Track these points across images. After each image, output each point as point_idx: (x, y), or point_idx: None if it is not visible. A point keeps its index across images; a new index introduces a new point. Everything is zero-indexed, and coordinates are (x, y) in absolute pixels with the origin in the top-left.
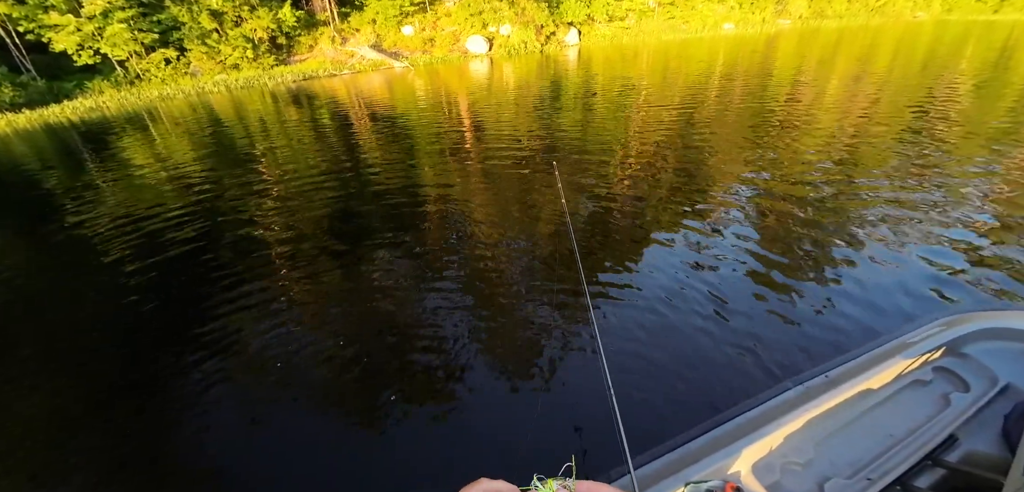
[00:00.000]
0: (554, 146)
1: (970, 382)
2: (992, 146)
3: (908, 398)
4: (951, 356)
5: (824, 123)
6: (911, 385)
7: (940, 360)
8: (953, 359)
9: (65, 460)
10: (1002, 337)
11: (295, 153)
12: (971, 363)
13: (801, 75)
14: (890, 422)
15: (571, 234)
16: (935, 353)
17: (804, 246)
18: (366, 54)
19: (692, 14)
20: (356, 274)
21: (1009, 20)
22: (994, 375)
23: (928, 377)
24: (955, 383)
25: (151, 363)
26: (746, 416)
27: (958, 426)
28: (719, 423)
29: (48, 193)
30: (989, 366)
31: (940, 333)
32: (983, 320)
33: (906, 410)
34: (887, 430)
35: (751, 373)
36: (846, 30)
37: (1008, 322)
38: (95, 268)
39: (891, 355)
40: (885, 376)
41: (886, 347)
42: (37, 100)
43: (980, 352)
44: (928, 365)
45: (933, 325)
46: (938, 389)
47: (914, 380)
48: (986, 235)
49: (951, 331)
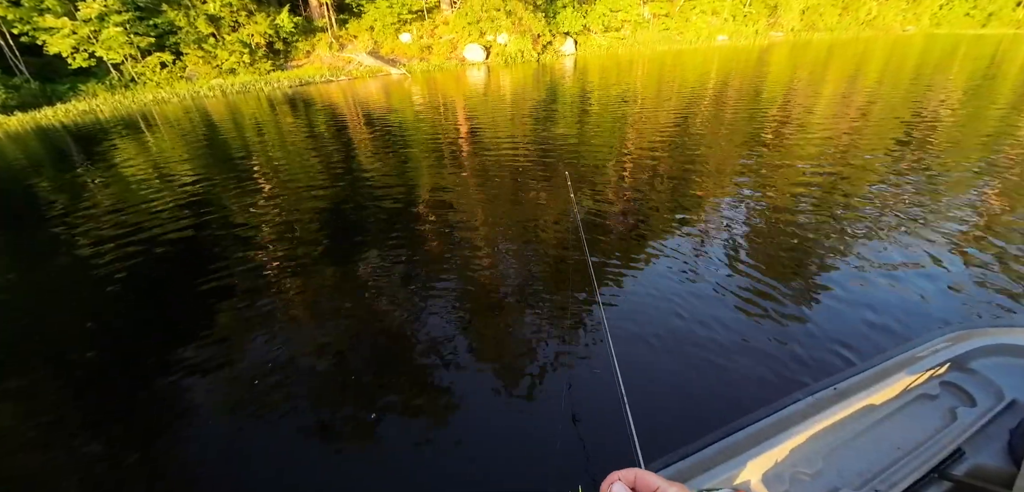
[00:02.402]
0: (555, 152)
1: (976, 397)
2: (992, 156)
3: (915, 412)
4: (958, 371)
5: (826, 133)
6: (918, 399)
7: (947, 375)
8: (960, 374)
9: (46, 468)
10: (1008, 353)
11: (290, 158)
12: (978, 378)
13: (795, 85)
14: (898, 435)
15: (583, 241)
16: (942, 368)
17: (812, 258)
18: (363, 60)
19: (686, 26)
20: (354, 280)
21: (996, 34)
22: (1000, 390)
23: (935, 391)
24: (962, 398)
25: (135, 369)
26: (756, 426)
27: (965, 440)
28: (729, 432)
29: (35, 195)
30: (995, 381)
31: (947, 348)
32: (990, 336)
33: (914, 424)
34: (895, 443)
35: (761, 383)
36: (837, 42)
37: (1014, 339)
38: (79, 272)
39: (899, 369)
40: (892, 389)
41: (894, 361)
42: (30, 103)
43: (986, 368)
44: (935, 380)
45: (940, 340)
46: (945, 403)
47: (921, 394)
48: (989, 249)
49: (958, 346)
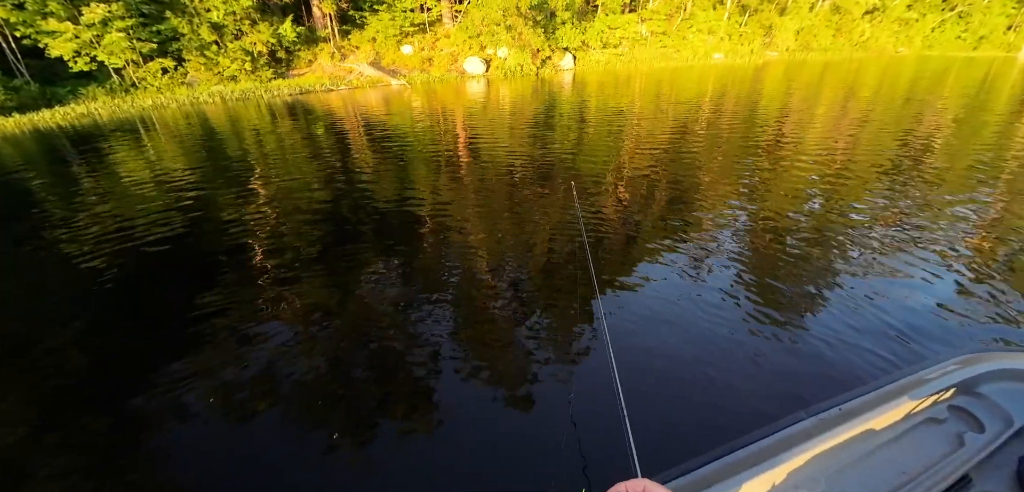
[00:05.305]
0: (554, 164)
1: (985, 422)
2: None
3: (922, 436)
4: (966, 396)
5: (824, 148)
6: (925, 423)
7: (954, 399)
8: (968, 399)
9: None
10: (1019, 378)
11: (288, 164)
12: (986, 403)
13: (791, 102)
14: (904, 459)
15: (587, 252)
16: (950, 392)
17: (814, 275)
18: (364, 71)
19: (683, 43)
20: (352, 287)
21: (988, 56)
22: (1009, 416)
23: (942, 416)
24: (970, 423)
25: (125, 372)
26: (758, 445)
27: (972, 467)
28: (730, 450)
29: (27, 195)
30: (1005, 407)
31: (955, 372)
32: (999, 360)
33: (920, 448)
34: (900, 467)
35: (762, 400)
36: (832, 62)
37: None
38: (69, 272)
39: (905, 391)
40: (898, 412)
41: (900, 383)
42: (29, 105)
43: (996, 393)
44: (942, 403)
45: (948, 363)
46: (952, 428)
47: (928, 418)
48: (996, 269)
49: (966, 370)
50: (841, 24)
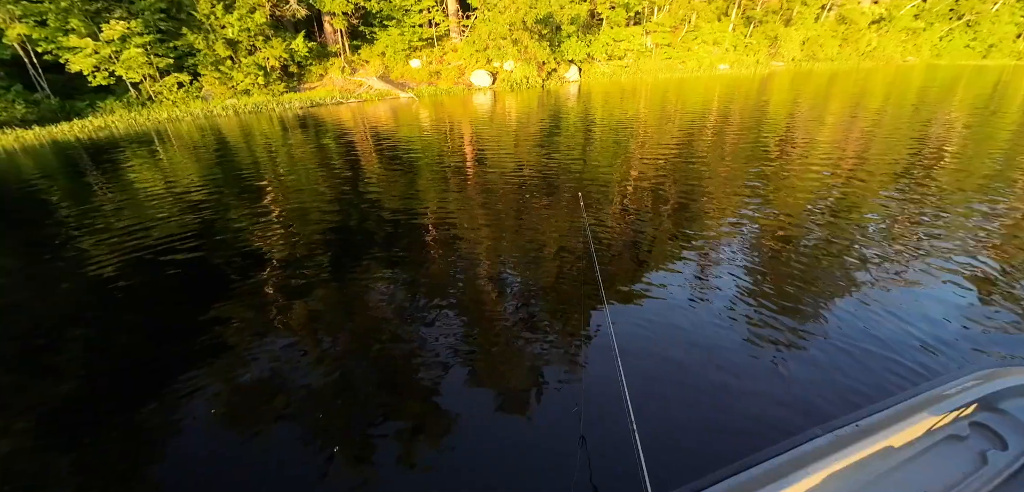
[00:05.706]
0: (561, 174)
1: (1008, 440)
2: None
3: (943, 453)
4: (988, 411)
5: (833, 158)
6: (946, 440)
7: (976, 415)
8: (990, 415)
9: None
10: None
11: (298, 175)
12: (1009, 420)
13: (798, 112)
14: (925, 478)
15: (595, 263)
16: (971, 407)
17: (827, 286)
18: (374, 84)
19: (688, 55)
20: (360, 296)
21: (998, 65)
22: None
23: (964, 432)
24: (992, 440)
25: (134, 377)
26: (773, 462)
27: (996, 486)
28: (745, 467)
29: (44, 205)
30: None
31: (976, 387)
32: (1021, 375)
33: (941, 466)
34: (921, 486)
35: (777, 416)
36: (838, 72)
37: None
38: (83, 281)
39: (925, 407)
40: (918, 429)
41: (919, 398)
42: (48, 118)
43: (1018, 408)
44: (963, 420)
45: (968, 378)
46: (975, 446)
47: (949, 435)
48: (1016, 281)
49: (988, 385)
50: (847, 34)
